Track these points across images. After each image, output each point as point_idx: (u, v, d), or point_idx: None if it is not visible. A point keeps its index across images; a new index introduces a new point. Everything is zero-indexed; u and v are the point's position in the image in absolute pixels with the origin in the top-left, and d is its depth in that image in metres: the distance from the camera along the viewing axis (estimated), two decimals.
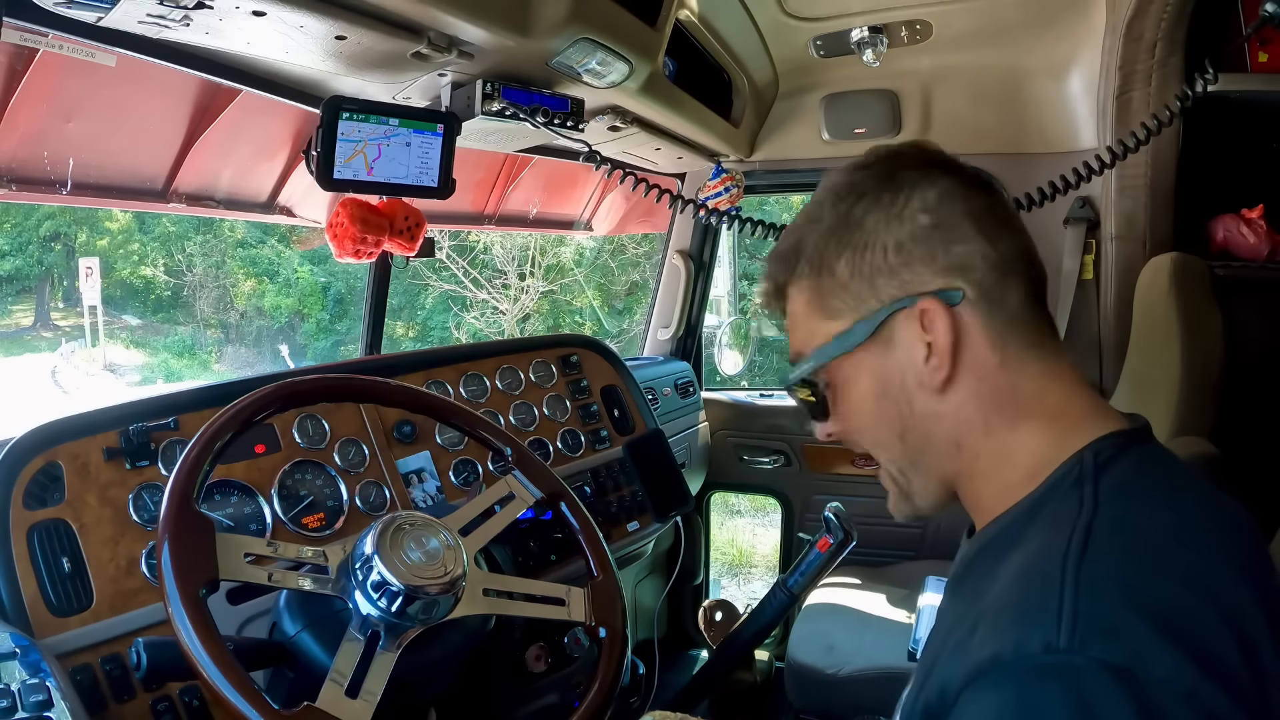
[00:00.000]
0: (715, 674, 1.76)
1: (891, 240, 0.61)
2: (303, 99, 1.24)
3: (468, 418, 1.06)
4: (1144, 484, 0.56)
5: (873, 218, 0.62)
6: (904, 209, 0.61)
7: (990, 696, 0.48)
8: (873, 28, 1.70)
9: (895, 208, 0.61)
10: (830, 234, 0.64)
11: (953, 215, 0.61)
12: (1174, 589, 0.49)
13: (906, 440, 0.64)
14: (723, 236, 2.34)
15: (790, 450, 2.28)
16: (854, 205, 0.63)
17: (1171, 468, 0.60)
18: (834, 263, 0.63)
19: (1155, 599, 0.48)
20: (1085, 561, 0.49)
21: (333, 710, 0.74)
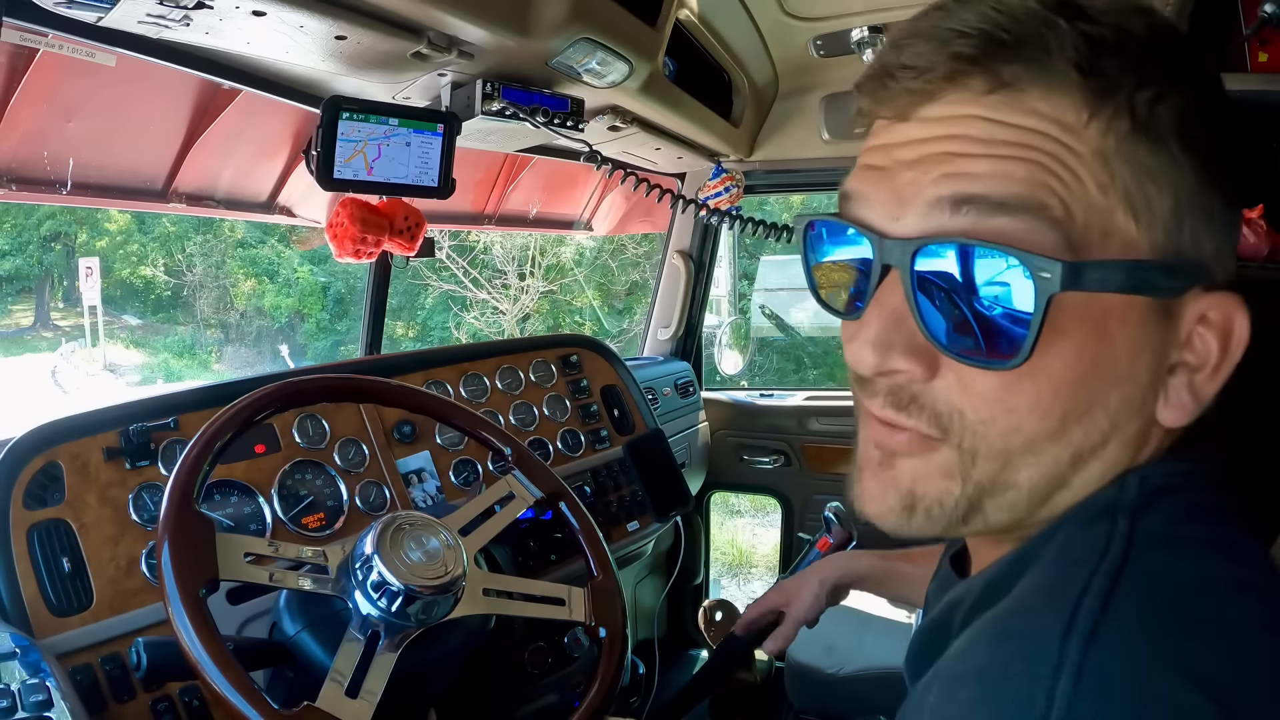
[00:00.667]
0: (715, 674, 1.76)
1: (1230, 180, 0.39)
2: (303, 99, 1.24)
3: (467, 418, 1.06)
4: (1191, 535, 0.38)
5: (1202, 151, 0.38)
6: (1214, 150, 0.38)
7: None
8: (873, 28, 1.70)
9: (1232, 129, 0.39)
10: (1179, 82, 0.37)
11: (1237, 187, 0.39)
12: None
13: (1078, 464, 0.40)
14: (723, 236, 2.34)
15: (790, 450, 2.28)
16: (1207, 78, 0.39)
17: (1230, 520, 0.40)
18: (1179, 143, 0.37)
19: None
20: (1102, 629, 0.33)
21: (333, 710, 0.74)
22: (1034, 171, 0.35)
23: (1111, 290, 0.36)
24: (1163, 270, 0.37)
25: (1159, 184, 0.37)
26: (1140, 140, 0.36)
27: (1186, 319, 0.39)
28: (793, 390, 2.36)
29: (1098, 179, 0.36)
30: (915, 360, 0.38)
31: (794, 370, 9.07)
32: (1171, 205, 0.37)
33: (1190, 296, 0.38)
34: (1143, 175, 0.36)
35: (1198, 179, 0.37)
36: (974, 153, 0.36)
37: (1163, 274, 0.37)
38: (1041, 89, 0.36)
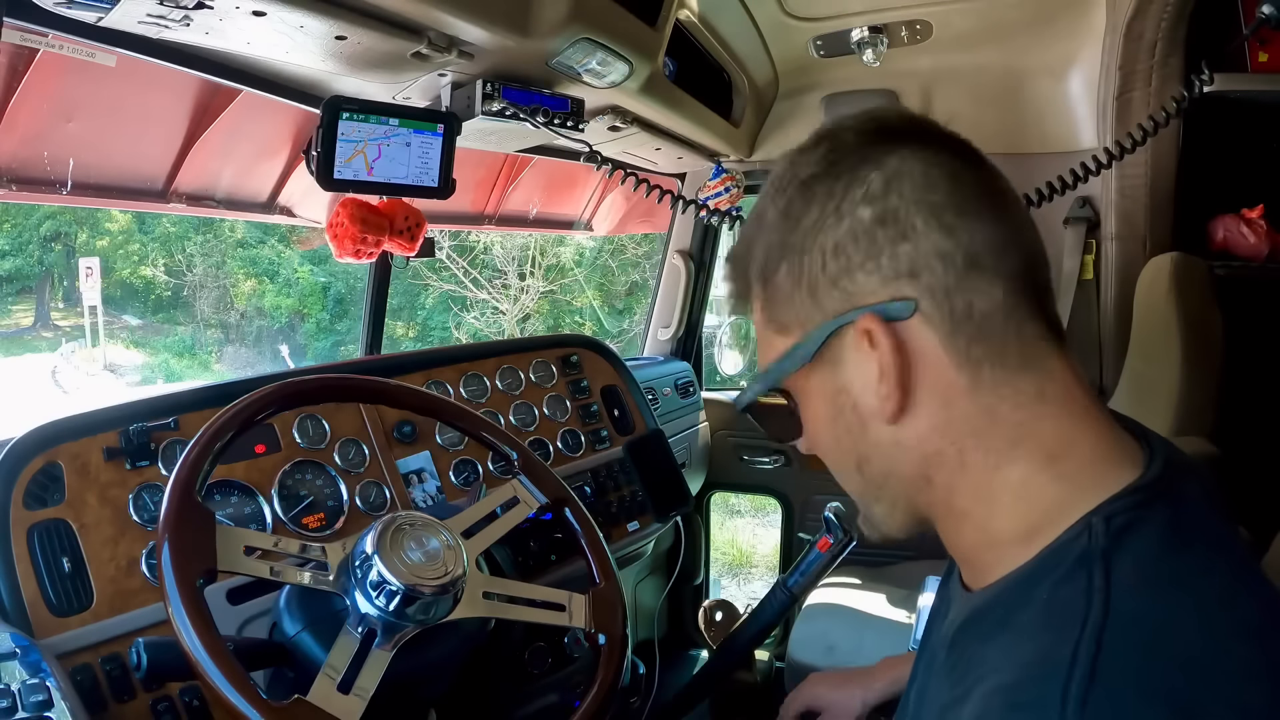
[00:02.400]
0: (715, 674, 1.75)
1: (830, 242, 0.50)
2: (303, 99, 1.24)
3: (471, 420, 1.06)
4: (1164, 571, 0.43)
5: (811, 214, 0.51)
6: (843, 201, 0.49)
7: None
8: (873, 28, 1.70)
9: (834, 200, 0.50)
10: (771, 236, 0.53)
11: (901, 204, 0.48)
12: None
13: (865, 471, 0.54)
14: (723, 236, 2.33)
15: (790, 450, 2.28)
16: (792, 199, 0.52)
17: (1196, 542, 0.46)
18: (774, 272, 0.53)
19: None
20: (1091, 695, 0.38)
21: (324, 705, 0.74)
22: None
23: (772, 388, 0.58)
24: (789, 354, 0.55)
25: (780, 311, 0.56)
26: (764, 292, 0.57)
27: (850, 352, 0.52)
28: None
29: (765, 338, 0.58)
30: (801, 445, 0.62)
31: None
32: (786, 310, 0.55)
33: (839, 341, 0.52)
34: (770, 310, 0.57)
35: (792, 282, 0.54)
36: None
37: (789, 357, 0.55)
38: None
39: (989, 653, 0.45)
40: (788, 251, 0.52)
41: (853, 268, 0.49)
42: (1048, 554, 0.46)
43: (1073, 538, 0.45)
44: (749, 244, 0.56)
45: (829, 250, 0.50)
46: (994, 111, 1.83)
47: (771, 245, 0.53)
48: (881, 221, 0.48)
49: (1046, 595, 0.44)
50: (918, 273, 0.48)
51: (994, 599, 0.48)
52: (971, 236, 0.48)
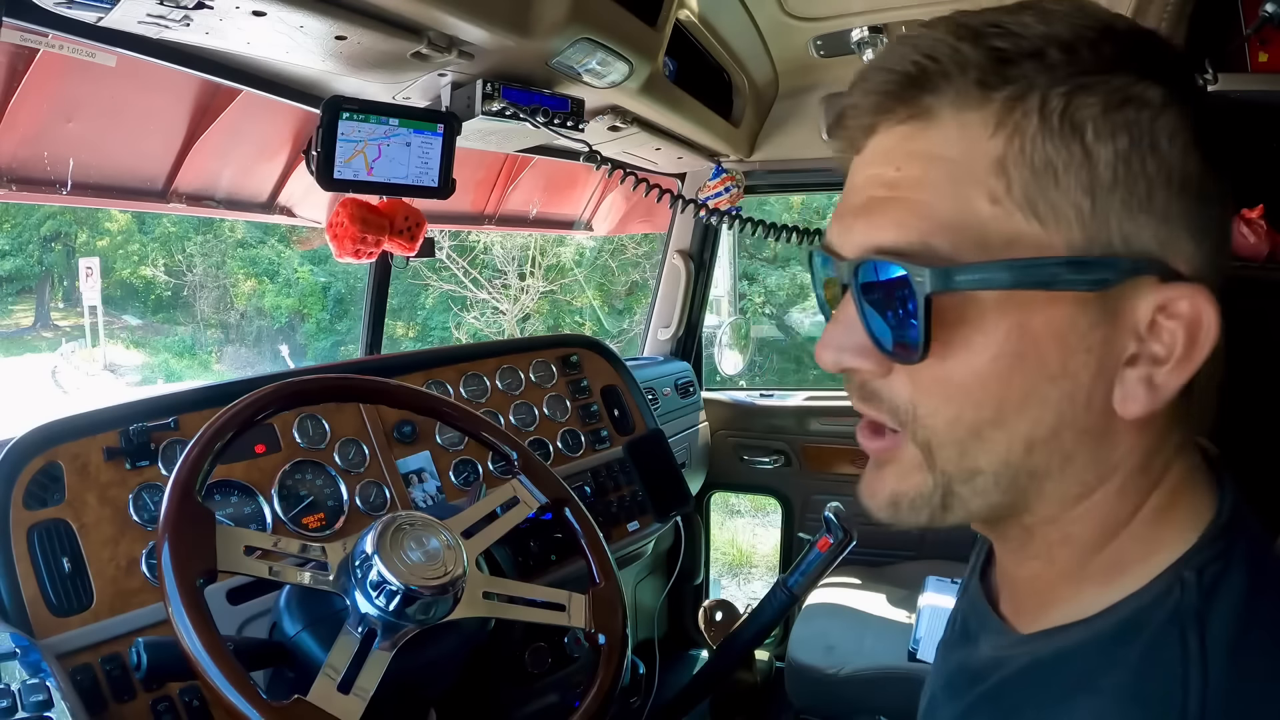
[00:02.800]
0: (715, 674, 1.76)
1: (1182, 173, 0.39)
2: (303, 99, 1.24)
3: (471, 420, 1.06)
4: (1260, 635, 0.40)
5: (1167, 117, 0.39)
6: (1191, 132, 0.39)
7: None
8: (873, 28, 1.70)
9: (1185, 125, 0.39)
10: (1096, 81, 0.38)
11: (1222, 184, 0.40)
12: None
13: (1033, 454, 0.42)
14: (723, 236, 2.34)
15: (790, 450, 2.28)
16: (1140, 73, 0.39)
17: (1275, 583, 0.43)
18: (1095, 133, 0.38)
19: None
20: None
21: (323, 705, 0.74)
22: (917, 212, 0.40)
23: (995, 288, 0.39)
24: (1070, 265, 0.39)
25: (1063, 181, 0.39)
26: (1047, 137, 0.39)
27: (1139, 311, 0.40)
28: (793, 390, 2.36)
29: (989, 191, 0.39)
30: (867, 360, 0.43)
31: (794, 370, 9.08)
32: (1085, 200, 0.39)
33: (1134, 289, 0.39)
34: (1043, 175, 0.39)
35: (1125, 171, 0.38)
36: (888, 199, 0.41)
37: (1070, 269, 0.39)
38: (952, 110, 0.40)
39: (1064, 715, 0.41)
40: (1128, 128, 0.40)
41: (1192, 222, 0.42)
42: (1135, 611, 0.42)
43: (1162, 593, 0.41)
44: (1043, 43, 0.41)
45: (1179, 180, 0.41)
46: None
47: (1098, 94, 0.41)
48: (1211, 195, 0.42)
49: (1136, 660, 0.40)
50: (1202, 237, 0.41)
51: (1068, 653, 0.43)
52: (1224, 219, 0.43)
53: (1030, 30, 0.39)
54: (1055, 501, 0.44)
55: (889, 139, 0.42)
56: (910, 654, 1.61)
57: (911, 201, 0.40)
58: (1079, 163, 0.38)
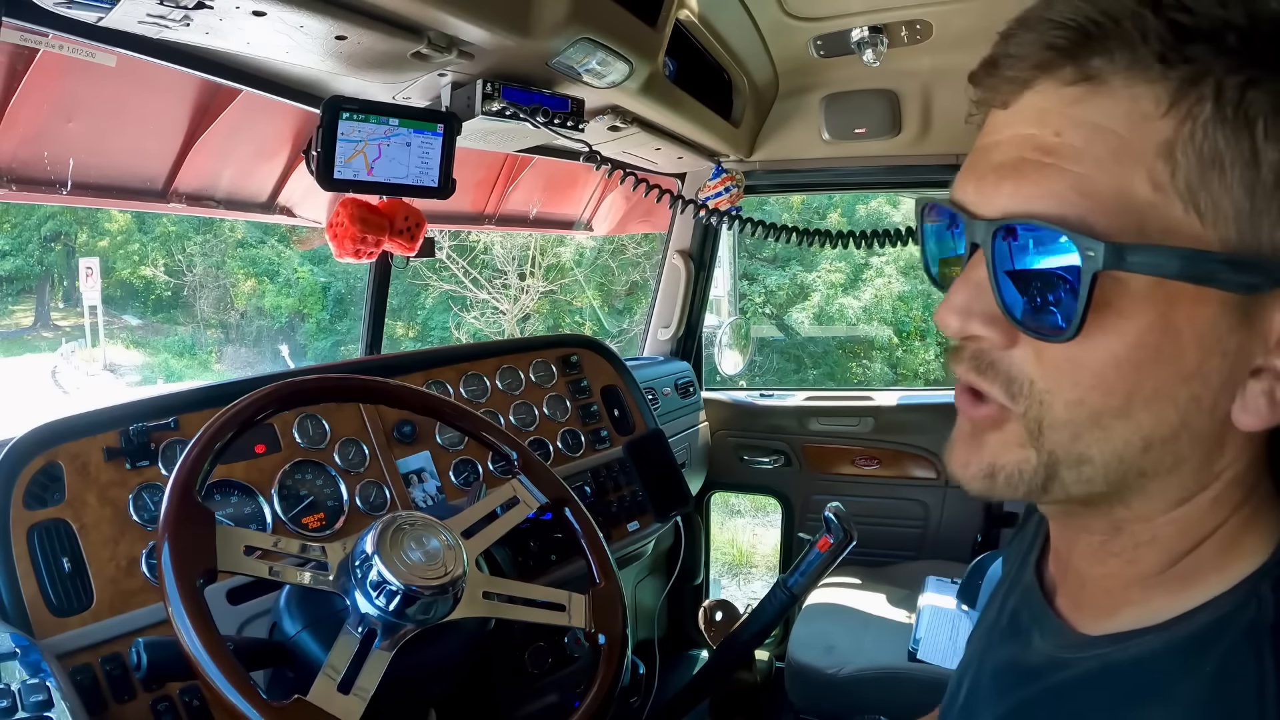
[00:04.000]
0: (715, 674, 1.76)
1: None
2: (303, 99, 1.24)
3: (471, 420, 1.06)
4: None
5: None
6: None
7: None
8: (873, 28, 1.70)
9: None
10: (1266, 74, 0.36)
11: None
12: None
13: (1149, 453, 0.41)
14: (723, 236, 2.34)
15: (790, 450, 2.29)
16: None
17: None
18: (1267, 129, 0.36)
19: None
20: None
21: (324, 705, 0.74)
22: (1080, 183, 0.38)
23: (1162, 275, 0.37)
24: (1228, 264, 0.37)
25: (1228, 176, 0.37)
26: (1219, 126, 0.36)
27: (1275, 322, 0.39)
28: (793, 390, 2.36)
29: (1152, 175, 0.37)
30: (993, 328, 0.41)
31: (794, 370, 9.08)
32: (1244, 200, 0.37)
33: (1272, 299, 0.38)
34: (1209, 167, 0.37)
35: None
36: (1037, 160, 0.39)
37: (1228, 268, 0.37)
38: (1124, 79, 0.37)
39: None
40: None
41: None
42: (1211, 623, 0.41)
43: (1238, 606, 0.41)
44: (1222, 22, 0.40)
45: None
46: None
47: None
48: None
49: (1212, 672, 0.40)
50: None
51: (1139, 663, 0.42)
52: None
53: (1207, 9, 0.37)
54: (1156, 501, 0.43)
55: (1048, 99, 0.39)
56: (910, 654, 1.61)
57: (1070, 173, 0.38)
58: (1246, 160, 0.36)
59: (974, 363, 0.43)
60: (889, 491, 2.22)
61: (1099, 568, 0.47)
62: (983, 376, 0.43)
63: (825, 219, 8.98)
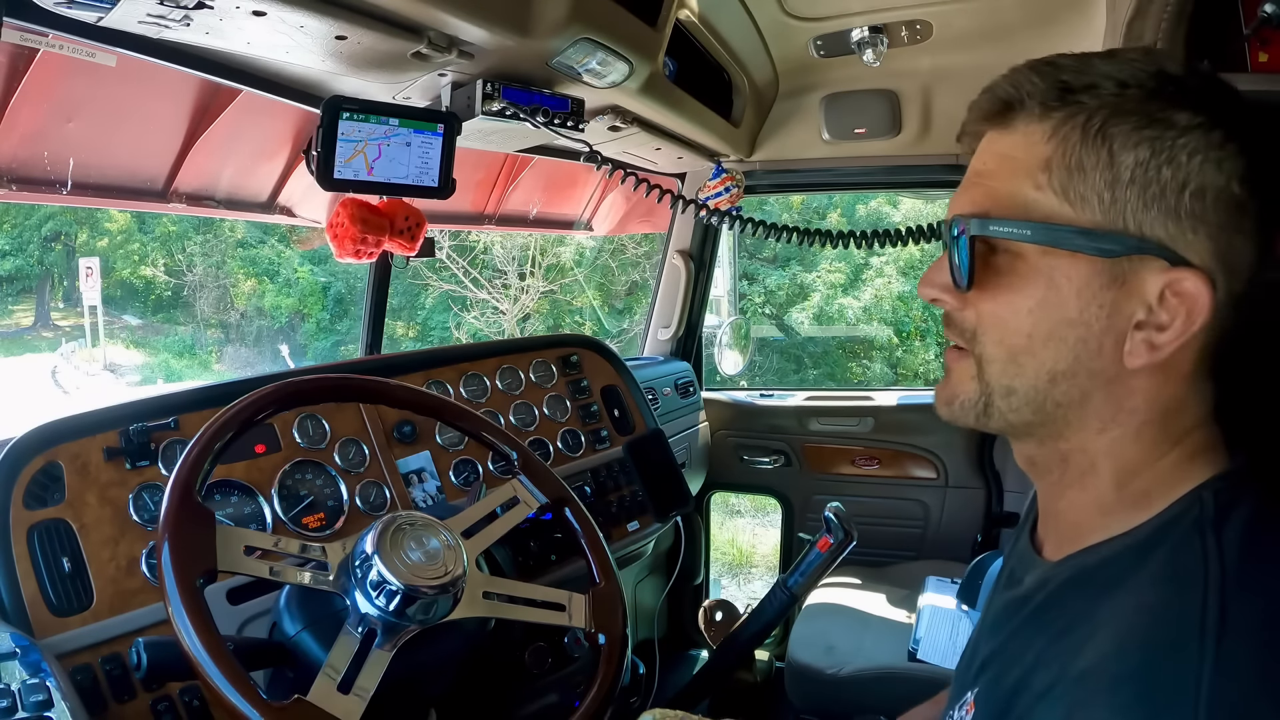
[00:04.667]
0: (715, 674, 1.76)
1: (1198, 183, 0.50)
2: (303, 99, 1.24)
3: (471, 420, 1.06)
4: (1267, 541, 0.50)
5: (1191, 138, 0.50)
6: (1221, 152, 0.50)
7: None
8: (873, 28, 1.70)
9: (1213, 146, 0.50)
10: (1133, 106, 0.51)
11: (1256, 199, 0.51)
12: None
13: (1056, 384, 0.54)
14: (723, 236, 2.34)
15: (790, 450, 2.29)
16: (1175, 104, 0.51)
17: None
18: (1121, 144, 0.51)
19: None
20: (1224, 640, 0.45)
21: (324, 705, 0.74)
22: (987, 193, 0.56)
23: (1023, 240, 0.53)
24: (1083, 234, 0.52)
25: (1090, 176, 0.52)
26: (1083, 144, 0.52)
27: (1148, 286, 0.51)
28: (793, 390, 2.36)
29: (1035, 181, 0.54)
30: (947, 294, 0.58)
31: (794, 370, 9.08)
32: (1106, 191, 0.51)
33: (1144, 268, 0.51)
34: (1076, 171, 0.52)
35: (1141, 174, 0.51)
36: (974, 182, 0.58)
37: (1083, 237, 0.52)
38: (1024, 123, 0.55)
39: (1101, 609, 0.50)
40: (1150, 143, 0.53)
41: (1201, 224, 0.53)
42: (1160, 525, 0.52)
43: (1183, 510, 0.52)
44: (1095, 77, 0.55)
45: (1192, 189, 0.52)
46: None
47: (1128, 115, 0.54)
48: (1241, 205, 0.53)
49: (1165, 556, 0.50)
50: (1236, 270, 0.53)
51: (1105, 561, 0.53)
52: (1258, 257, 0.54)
53: (1094, 69, 0.53)
54: (1079, 430, 0.55)
55: (985, 142, 0.58)
56: (910, 654, 1.61)
57: (985, 185, 0.56)
58: (1104, 164, 0.51)
59: (946, 320, 0.60)
60: (889, 491, 2.22)
61: (1062, 500, 0.59)
62: (951, 330, 0.59)
63: (825, 219, 8.98)
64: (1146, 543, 0.52)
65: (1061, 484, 0.58)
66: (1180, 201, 0.50)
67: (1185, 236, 0.50)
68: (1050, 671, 0.49)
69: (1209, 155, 0.50)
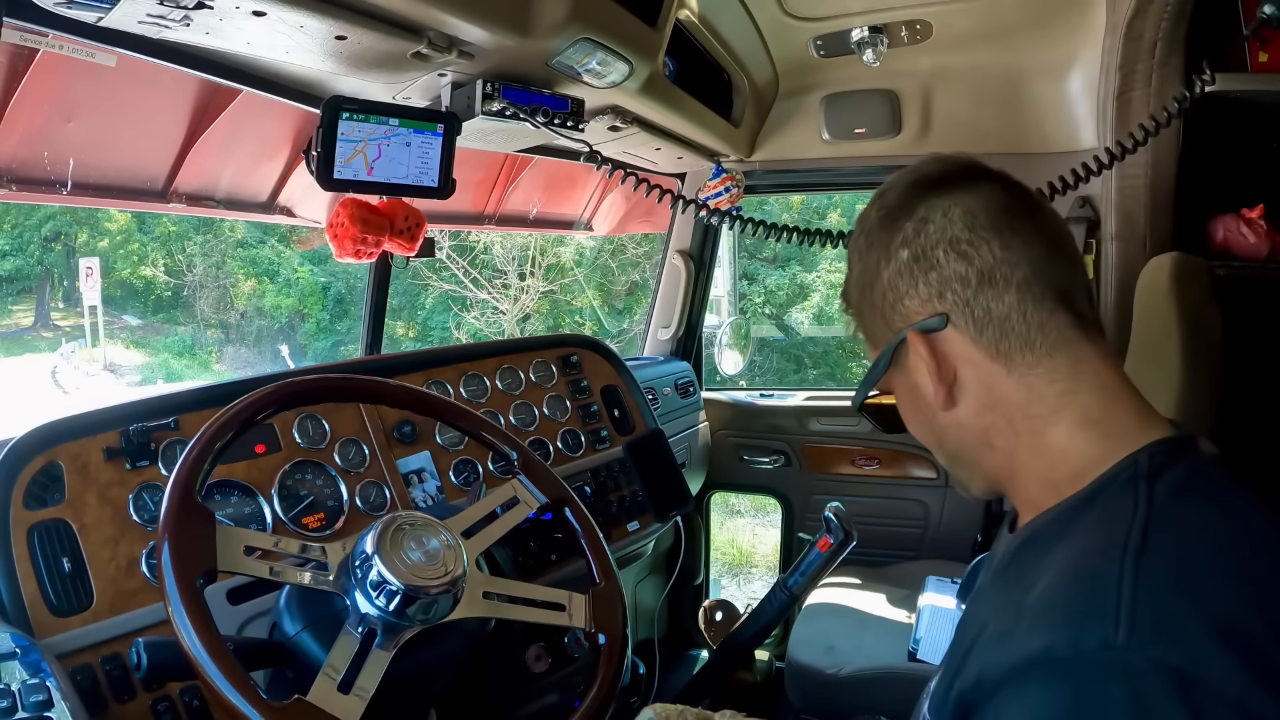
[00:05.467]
0: (715, 674, 1.76)
1: (886, 277, 0.65)
2: (303, 99, 1.24)
3: (471, 420, 1.06)
4: (1199, 488, 0.55)
5: (873, 257, 0.66)
6: (890, 245, 0.65)
7: (1040, 691, 0.47)
8: (873, 28, 1.70)
9: (885, 246, 0.65)
10: (854, 274, 0.69)
11: (928, 243, 0.62)
12: (1230, 592, 0.49)
13: (944, 446, 0.67)
14: (723, 236, 2.34)
15: (790, 450, 2.28)
16: (862, 247, 0.67)
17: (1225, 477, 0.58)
18: (859, 299, 0.68)
19: (1211, 600, 0.47)
20: (1144, 558, 0.49)
21: (324, 705, 0.74)
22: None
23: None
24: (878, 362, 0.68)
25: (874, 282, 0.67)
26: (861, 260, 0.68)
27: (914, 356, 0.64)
28: (793, 390, 2.36)
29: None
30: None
31: (794, 370, 9.08)
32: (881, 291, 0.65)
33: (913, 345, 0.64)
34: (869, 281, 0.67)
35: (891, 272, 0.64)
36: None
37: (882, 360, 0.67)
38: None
39: (1048, 558, 0.55)
40: (864, 286, 0.67)
41: (901, 295, 0.64)
42: (1101, 482, 0.57)
43: (1118, 471, 0.56)
44: (847, 280, 0.70)
45: (886, 284, 0.64)
46: (994, 111, 1.83)
47: (854, 281, 0.69)
48: (915, 259, 0.63)
49: (1100, 509, 0.55)
50: (944, 293, 0.61)
51: (1050, 521, 0.59)
52: (983, 259, 0.60)
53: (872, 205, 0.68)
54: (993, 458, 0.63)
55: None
56: (910, 654, 1.61)
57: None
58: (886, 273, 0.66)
59: None
60: (889, 491, 2.22)
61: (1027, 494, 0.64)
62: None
63: (825, 219, 8.97)
64: (1086, 499, 0.57)
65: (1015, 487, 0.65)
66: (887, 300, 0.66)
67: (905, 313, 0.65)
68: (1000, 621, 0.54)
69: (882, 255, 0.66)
